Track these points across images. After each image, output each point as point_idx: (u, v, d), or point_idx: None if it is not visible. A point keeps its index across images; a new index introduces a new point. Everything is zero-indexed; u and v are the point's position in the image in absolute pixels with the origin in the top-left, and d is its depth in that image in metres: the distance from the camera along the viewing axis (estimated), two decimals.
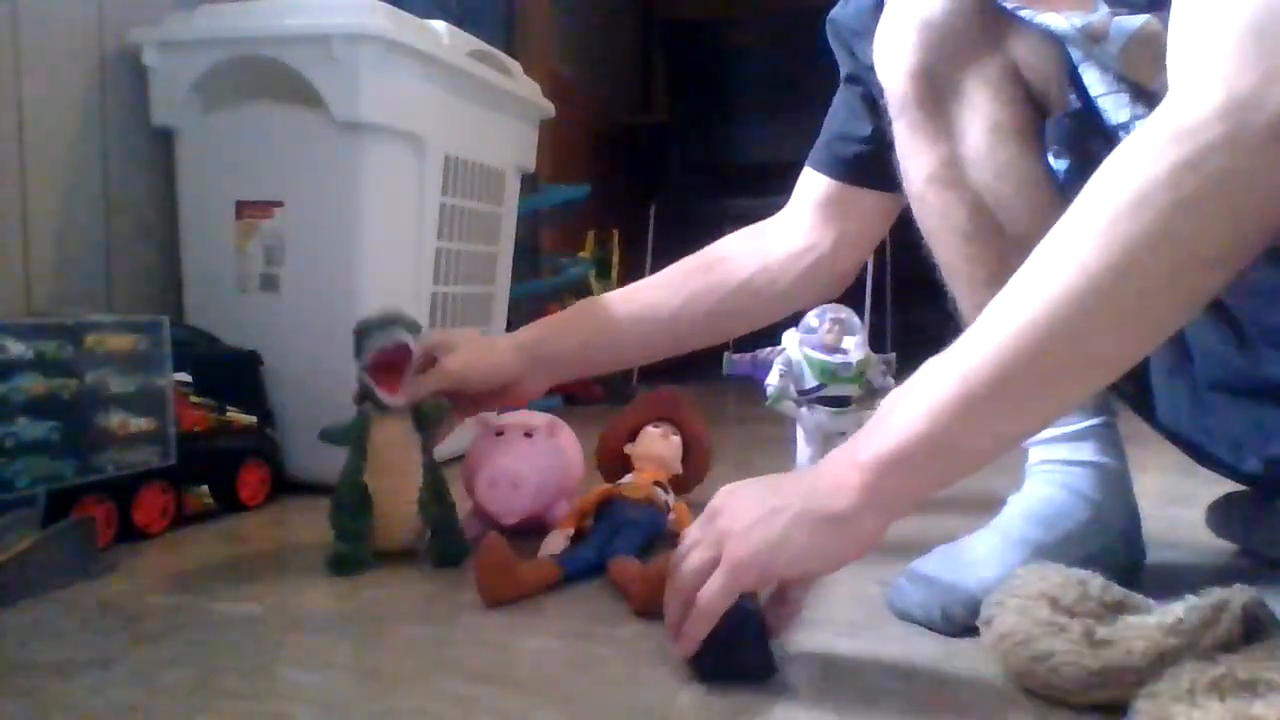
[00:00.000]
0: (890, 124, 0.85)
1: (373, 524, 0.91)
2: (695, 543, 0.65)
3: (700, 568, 0.63)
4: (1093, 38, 0.70)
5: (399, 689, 0.64)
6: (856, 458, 0.61)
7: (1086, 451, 0.83)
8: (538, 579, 0.83)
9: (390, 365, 0.90)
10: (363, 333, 0.91)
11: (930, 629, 0.74)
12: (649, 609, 0.77)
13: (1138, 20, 0.68)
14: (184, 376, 1.08)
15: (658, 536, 0.96)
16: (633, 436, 1.09)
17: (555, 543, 0.91)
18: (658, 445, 1.07)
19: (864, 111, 0.97)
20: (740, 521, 0.63)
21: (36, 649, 0.71)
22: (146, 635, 0.73)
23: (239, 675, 0.66)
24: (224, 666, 0.68)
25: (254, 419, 1.15)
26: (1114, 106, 0.73)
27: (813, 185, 1.02)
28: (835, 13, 0.96)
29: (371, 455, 0.91)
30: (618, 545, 0.89)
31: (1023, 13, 0.74)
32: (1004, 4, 0.75)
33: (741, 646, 0.64)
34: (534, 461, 0.96)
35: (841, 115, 1.00)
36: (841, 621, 0.77)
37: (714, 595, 0.61)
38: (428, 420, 0.93)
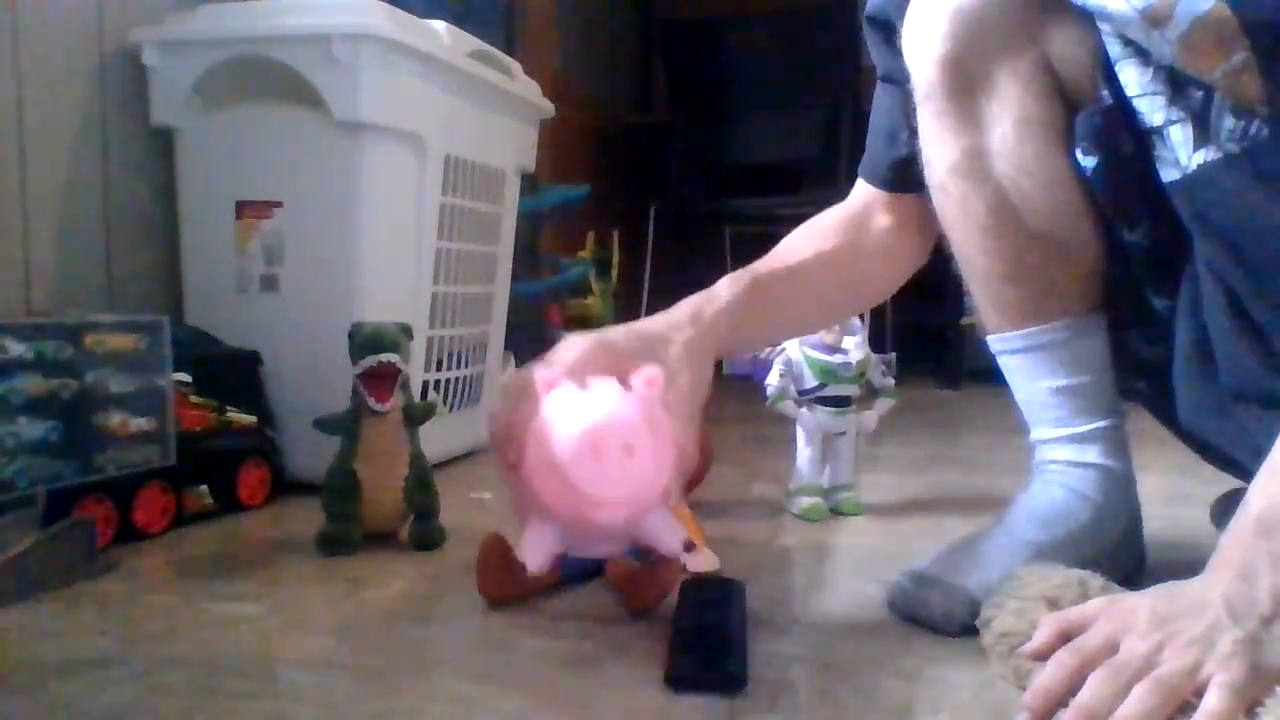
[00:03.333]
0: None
1: (361, 508, 0.97)
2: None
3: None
4: (1154, 21, 0.68)
5: (399, 689, 0.64)
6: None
7: (1092, 454, 0.83)
8: (537, 579, 0.83)
9: (380, 376, 0.96)
10: (355, 337, 0.97)
11: (931, 629, 0.74)
12: (644, 608, 0.77)
13: (1207, 3, 0.66)
14: (184, 376, 1.08)
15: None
16: None
17: None
18: None
19: (901, 116, 0.91)
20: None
21: (36, 649, 0.71)
22: (146, 635, 0.73)
23: (239, 675, 0.66)
24: (224, 666, 0.68)
25: (254, 419, 1.15)
26: (1149, 108, 0.72)
27: (868, 190, 0.98)
28: (871, 7, 0.91)
29: (362, 446, 0.98)
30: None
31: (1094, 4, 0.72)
32: None
33: (723, 660, 0.65)
34: (649, 419, 0.66)
35: (880, 120, 0.96)
36: (841, 621, 0.77)
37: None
38: (416, 418, 1.00)
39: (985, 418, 2.03)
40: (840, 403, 1.13)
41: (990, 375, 0.89)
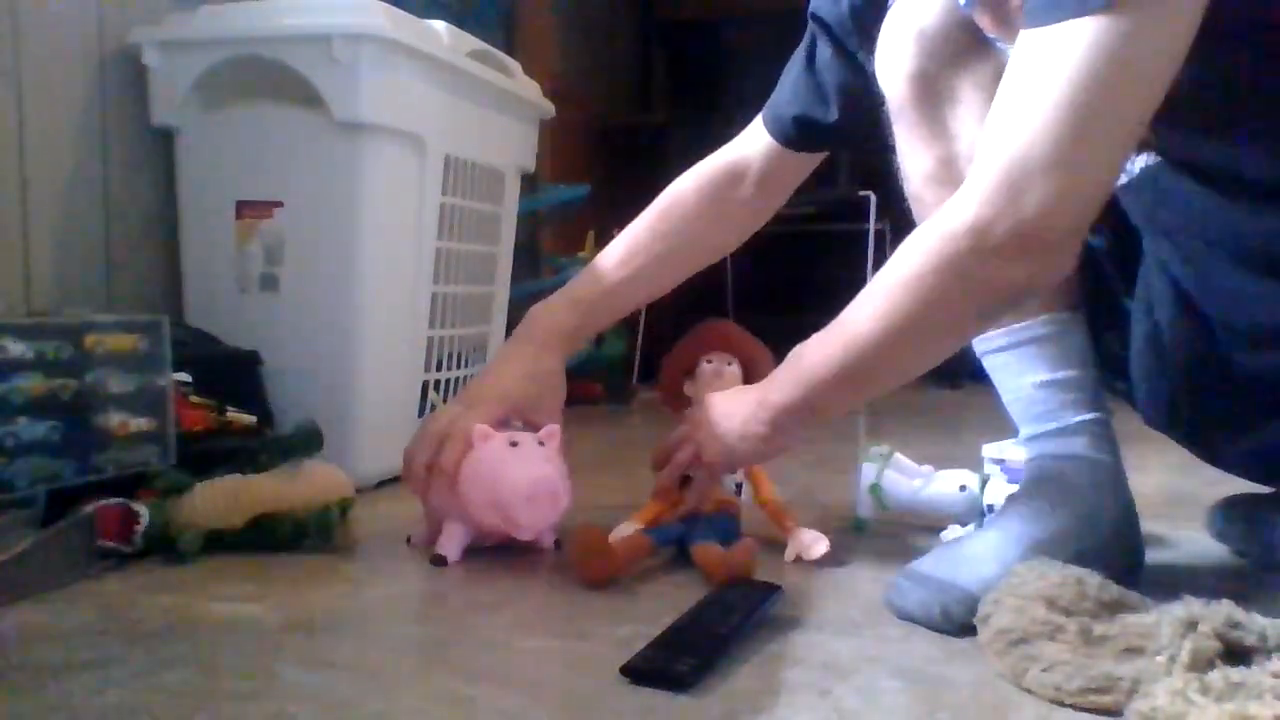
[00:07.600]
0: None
1: None
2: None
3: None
4: None
5: (399, 689, 0.64)
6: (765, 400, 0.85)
7: (1079, 446, 0.84)
8: (630, 560, 0.87)
9: None
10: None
11: (930, 628, 0.74)
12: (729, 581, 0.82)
13: None
14: (184, 376, 1.08)
15: (733, 533, 0.95)
16: (690, 370, 1.06)
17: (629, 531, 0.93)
18: (714, 385, 1.03)
19: (810, 73, 1.01)
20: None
21: (36, 649, 0.71)
22: (146, 635, 0.73)
23: (239, 675, 0.66)
24: (224, 666, 0.68)
25: (254, 419, 1.15)
26: None
27: (762, 139, 1.09)
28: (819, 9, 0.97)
29: None
30: (699, 532, 0.92)
31: (998, 42, 0.78)
32: (985, 33, 0.78)
33: (681, 659, 0.65)
34: (562, 472, 0.93)
35: (792, 73, 1.05)
36: (841, 621, 0.77)
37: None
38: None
39: (985, 418, 2.03)
40: None
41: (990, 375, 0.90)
